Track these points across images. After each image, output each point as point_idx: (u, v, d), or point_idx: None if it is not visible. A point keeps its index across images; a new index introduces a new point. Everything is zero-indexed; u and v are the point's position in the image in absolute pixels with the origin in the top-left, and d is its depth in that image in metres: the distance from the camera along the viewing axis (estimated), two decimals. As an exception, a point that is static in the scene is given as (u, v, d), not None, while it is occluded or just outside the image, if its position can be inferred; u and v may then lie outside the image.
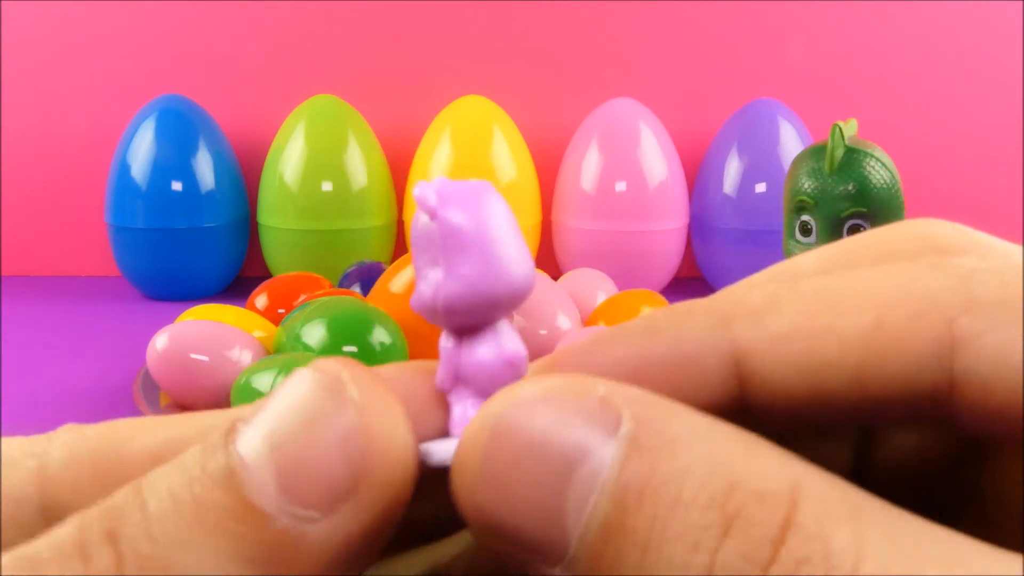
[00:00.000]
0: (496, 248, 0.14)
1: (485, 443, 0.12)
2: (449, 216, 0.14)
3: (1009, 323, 0.12)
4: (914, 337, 0.12)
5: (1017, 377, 0.12)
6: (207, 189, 1.02)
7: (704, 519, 0.11)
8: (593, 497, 0.11)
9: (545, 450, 0.12)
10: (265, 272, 1.07)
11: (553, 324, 0.72)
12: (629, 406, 0.12)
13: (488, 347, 0.14)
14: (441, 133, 1.04)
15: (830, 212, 0.61)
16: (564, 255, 1.07)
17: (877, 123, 1.00)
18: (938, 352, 0.12)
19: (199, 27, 1.11)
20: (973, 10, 1.13)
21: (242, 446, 0.12)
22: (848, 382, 0.13)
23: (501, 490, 0.12)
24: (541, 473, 0.11)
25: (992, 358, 0.12)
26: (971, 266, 0.13)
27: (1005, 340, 0.12)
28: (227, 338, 0.67)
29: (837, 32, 1.14)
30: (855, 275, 0.13)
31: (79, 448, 0.14)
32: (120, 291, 1.06)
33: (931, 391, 0.12)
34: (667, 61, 1.14)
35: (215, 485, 0.12)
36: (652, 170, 1.03)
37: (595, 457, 0.11)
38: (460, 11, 1.12)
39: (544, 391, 0.12)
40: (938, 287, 0.13)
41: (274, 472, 0.12)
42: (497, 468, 0.12)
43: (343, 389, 0.12)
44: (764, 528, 0.10)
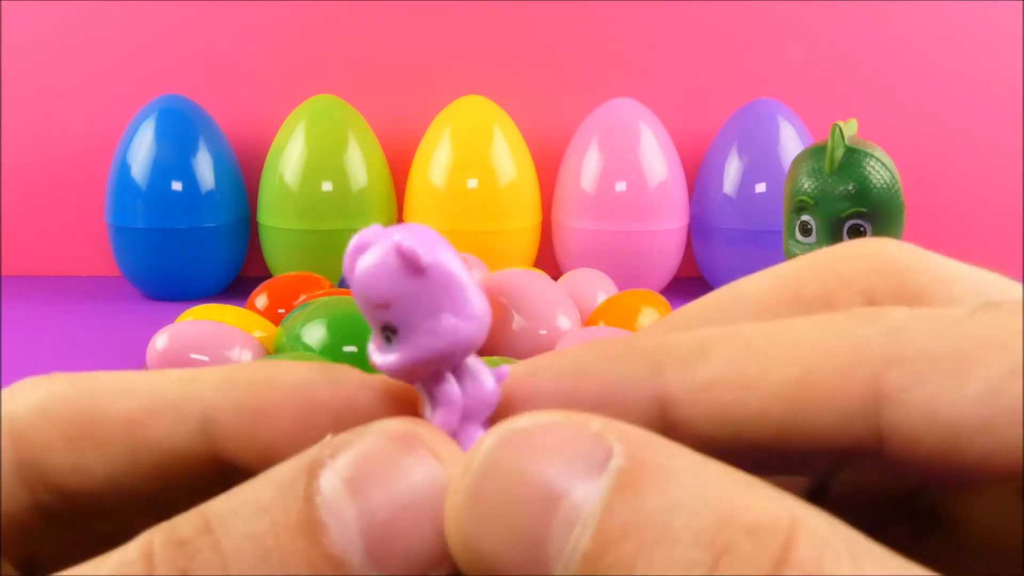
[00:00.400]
0: (472, 282, 0.15)
1: (474, 472, 0.12)
2: (444, 261, 0.14)
3: (935, 377, 0.12)
4: (840, 392, 0.12)
5: (943, 430, 0.12)
6: (207, 189, 1.02)
7: (691, 555, 0.10)
8: (576, 529, 0.11)
9: (532, 480, 0.11)
10: (265, 272, 1.07)
11: (553, 324, 0.72)
12: (622, 441, 0.11)
13: (486, 376, 0.14)
14: (441, 133, 1.04)
15: (830, 212, 0.61)
16: (564, 255, 1.07)
17: (877, 123, 1.01)
18: (864, 407, 0.12)
19: (199, 27, 1.11)
20: (973, 10, 1.13)
21: (325, 493, 0.12)
22: (772, 435, 0.13)
23: (487, 518, 0.12)
24: (526, 503, 0.11)
25: (918, 412, 0.12)
26: (902, 317, 0.13)
27: (930, 394, 0.12)
28: (227, 338, 0.67)
29: (837, 32, 1.14)
30: (786, 324, 0.13)
31: (51, 407, 0.14)
32: (120, 291, 1.06)
33: (857, 444, 0.12)
34: (667, 61, 1.14)
35: (299, 535, 0.12)
36: (652, 170, 1.03)
37: (580, 490, 0.11)
38: (460, 11, 1.12)
39: (538, 425, 0.12)
40: (866, 341, 0.12)
41: (361, 533, 0.12)
42: (484, 496, 0.12)
43: (432, 460, 0.12)
44: (756, 563, 0.10)
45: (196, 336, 0.66)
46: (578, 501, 0.11)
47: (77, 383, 0.15)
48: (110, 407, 0.14)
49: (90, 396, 0.14)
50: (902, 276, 0.14)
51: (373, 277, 0.14)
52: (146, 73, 1.10)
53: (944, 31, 1.14)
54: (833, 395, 0.12)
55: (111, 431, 0.14)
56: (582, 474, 0.11)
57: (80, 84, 1.11)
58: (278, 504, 0.12)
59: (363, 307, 0.14)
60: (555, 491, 0.11)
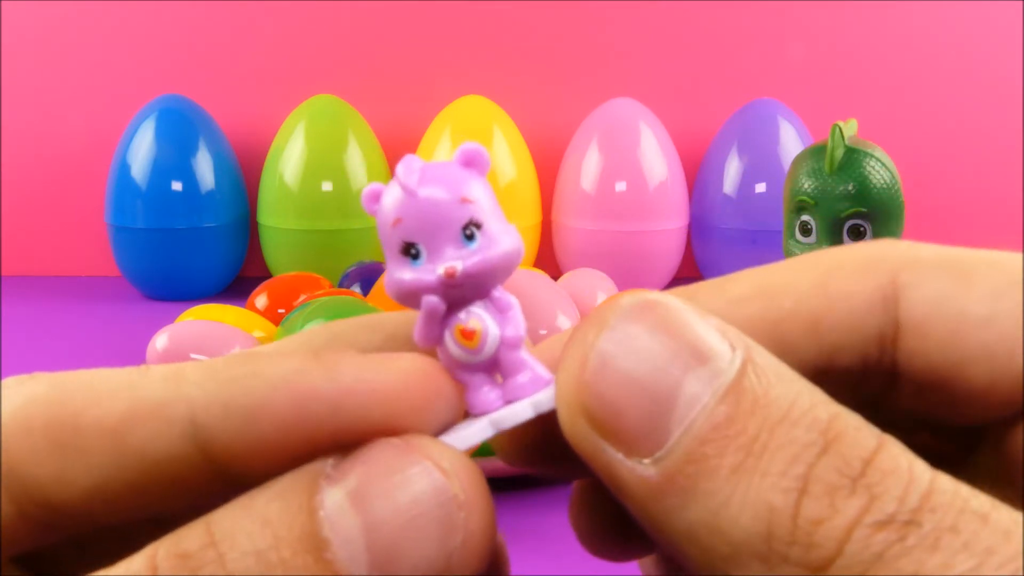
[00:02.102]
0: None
1: (618, 313, 0.13)
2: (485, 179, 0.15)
3: (945, 276, 0.14)
4: (861, 287, 0.14)
5: (950, 323, 0.13)
6: (207, 189, 1.02)
7: (807, 437, 0.12)
8: (707, 396, 0.12)
9: (678, 333, 0.12)
10: (265, 272, 1.07)
11: (553, 324, 0.72)
12: (739, 339, 0.13)
13: (517, 307, 0.15)
14: (441, 133, 1.04)
15: (830, 212, 0.61)
16: (564, 255, 1.07)
17: (877, 123, 1.01)
18: (883, 299, 0.14)
19: (199, 27, 1.11)
20: (973, 10, 1.13)
21: (328, 508, 0.12)
22: (805, 330, 0.14)
23: (619, 372, 0.12)
24: (665, 356, 0.12)
25: (929, 304, 0.14)
26: (910, 243, 0.15)
27: (940, 290, 0.14)
28: (227, 338, 0.67)
29: (837, 32, 1.14)
30: (802, 255, 0.15)
31: (31, 415, 0.13)
32: (120, 291, 1.06)
33: (879, 335, 0.14)
34: (667, 61, 1.14)
35: (303, 550, 0.12)
36: (652, 170, 1.03)
37: (718, 361, 0.12)
38: (460, 11, 1.12)
39: (668, 299, 0.13)
40: (879, 252, 0.14)
41: (367, 548, 0.12)
42: (621, 344, 0.12)
43: (437, 473, 0.12)
44: (859, 450, 0.12)
45: (196, 336, 0.66)
46: (715, 370, 0.12)
47: (58, 386, 0.14)
48: (91, 414, 0.13)
49: (71, 402, 0.14)
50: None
51: (454, 173, 0.14)
52: (146, 73, 1.10)
53: (944, 31, 1.14)
54: (855, 289, 0.14)
55: (94, 440, 0.13)
56: (723, 348, 0.12)
57: (80, 84, 1.11)
58: (282, 518, 0.12)
59: (442, 209, 0.14)
60: (688, 358, 0.12)
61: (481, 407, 0.15)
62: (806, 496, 0.11)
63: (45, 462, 0.13)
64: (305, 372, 0.14)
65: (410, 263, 0.14)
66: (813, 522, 0.11)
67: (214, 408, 0.14)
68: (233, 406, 0.14)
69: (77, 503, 0.13)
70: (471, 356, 0.14)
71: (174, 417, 0.14)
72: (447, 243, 0.14)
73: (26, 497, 0.13)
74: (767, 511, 0.11)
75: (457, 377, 0.15)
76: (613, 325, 0.13)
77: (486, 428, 0.14)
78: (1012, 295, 0.13)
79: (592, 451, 0.13)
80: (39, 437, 0.13)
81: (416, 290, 0.14)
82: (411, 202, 0.14)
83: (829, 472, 0.11)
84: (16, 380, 0.14)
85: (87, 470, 0.13)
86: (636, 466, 0.12)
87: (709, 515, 0.12)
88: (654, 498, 0.12)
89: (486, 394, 0.14)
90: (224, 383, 0.14)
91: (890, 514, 0.11)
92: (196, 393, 0.14)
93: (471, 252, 0.14)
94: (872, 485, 0.11)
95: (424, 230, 0.14)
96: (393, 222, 0.14)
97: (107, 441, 0.13)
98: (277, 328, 0.70)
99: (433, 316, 0.14)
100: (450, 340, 0.15)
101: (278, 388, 0.14)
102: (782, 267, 0.15)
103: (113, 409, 0.13)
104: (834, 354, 0.14)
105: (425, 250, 0.14)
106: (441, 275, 0.14)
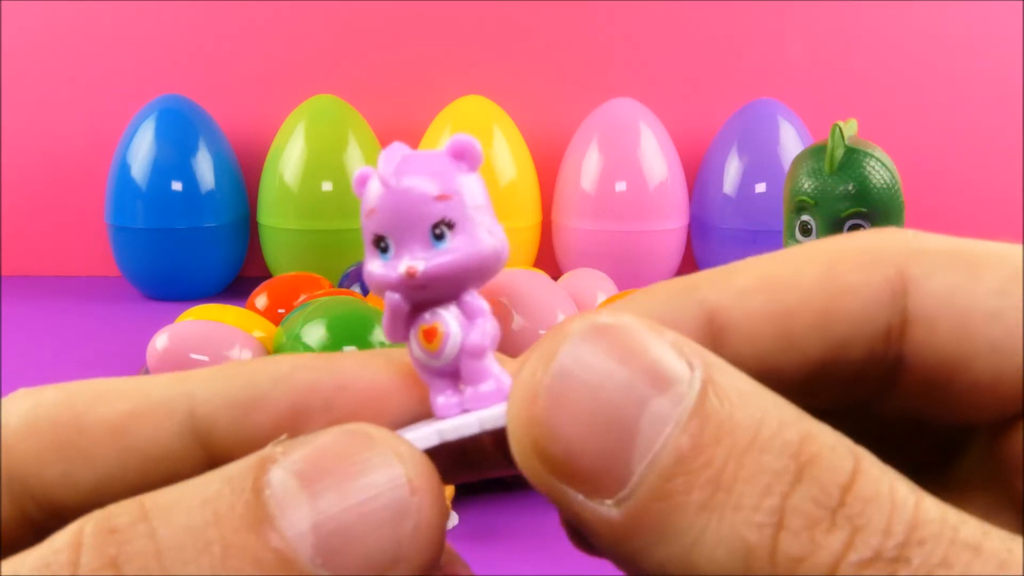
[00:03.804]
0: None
1: (560, 359, 0.12)
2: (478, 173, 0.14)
3: (953, 269, 0.13)
4: (868, 280, 0.14)
5: (957, 316, 0.13)
6: (207, 189, 1.02)
7: (778, 463, 0.11)
8: (669, 427, 0.11)
9: (621, 375, 0.11)
10: (265, 272, 1.07)
11: (553, 324, 0.72)
12: (697, 356, 0.12)
13: (488, 314, 0.14)
14: (441, 133, 1.04)
15: (830, 212, 0.61)
16: (564, 255, 1.07)
17: (877, 123, 1.00)
18: (891, 292, 0.13)
19: (199, 27, 1.11)
20: (973, 10, 1.13)
21: (275, 486, 0.11)
22: (812, 323, 0.14)
23: (571, 406, 0.12)
24: (617, 394, 0.11)
25: (938, 297, 0.13)
26: (916, 232, 0.14)
27: (948, 283, 0.13)
28: (227, 338, 0.67)
29: (837, 32, 1.14)
30: (807, 244, 0.14)
31: (37, 417, 0.13)
32: (120, 291, 1.06)
33: (886, 329, 0.14)
34: (667, 61, 1.14)
35: (244, 527, 0.11)
36: (652, 170, 1.03)
37: (678, 386, 0.11)
38: (460, 11, 1.12)
39: (620, 323, 0.12)
40: (886, 242, 0.14)
41: (312, 529, 0.11)
42: (571, 382, 0.12)
43: (392, 458, 0.12)
44: (836, 475, 0.11)
45: (196, 336, 0.66)
46: (670, 400, 0.11)
47: (65, 392, 0.14)
48: (95, 413, 0.13)
49: (76, 404, 0.14)
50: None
51: (435, 166, 0.14)
52: (146, 73, 1.10)
53: (944, 31, 1.14)
54: (862, 282, 0.14)
55: (97, 438, 0.13)
56: (681, 372, 0.12)
57: (80, 84, 1.11)
58: (224, 496, 0.11)
59: (413, 204, 0.14)
60: (646, 387, 0.11)
61: (439, 412, 0.14)
62: (783, 531, 0.11)
63: (50, 463, 0.13)
64: (306, 366, 0.14)
65: (379, 256, 0.14)
66: (793, 560, 0.11)
67: (214, 401, 0.14)
68: (232, 399, 0.14)
69: (80, 503, 0.13)
70: (430, 359, 0.14)
71: (175, 412, 0.14)
72: (415, 240, 0.14)
73: (29, 498, 0.13)
74: (742, 548, 0.11)
75: (422, 377, 0.14)
76: (564, 353, 0.12)
77: (431, 436, 0.13)
78: (1019, 290, 0.13)
79: (551, 492, 0.12)
80: (46, 439, 0.13)
81: (380, 286, 0.14)
82: (385, 194, 0.14)
83: (806, 503, 0.11)
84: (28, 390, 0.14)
85: (91, 470, 0.13)
86: (599, 508, 0.11)
87: (681, 554, 0.11)
88: (621, 540, 0.11)
89: (446, 399, 0.14)
90: (227, 378, 0.14)
91: (876, 549, 0.11)
92: (198, 388, 0.14)
93: (437, 253, 0.14)
94: (853, 516, 0.11)
95: (394, 224, 0.14)
96: (367, 212, 0.14)
97: (110, 440, 0.13)
98: (277, 328, 0.70)
99: (396, 313, 0.14)
100: (413, 340, 0.14)
101: (279, 381, 0.14)
102: (788, 258, 0.14)
103: (118, 407, 0.14)
104: (841, 348, 0.14)
105: (393, 245, 0.14)
106: (402, 273, 0.14)
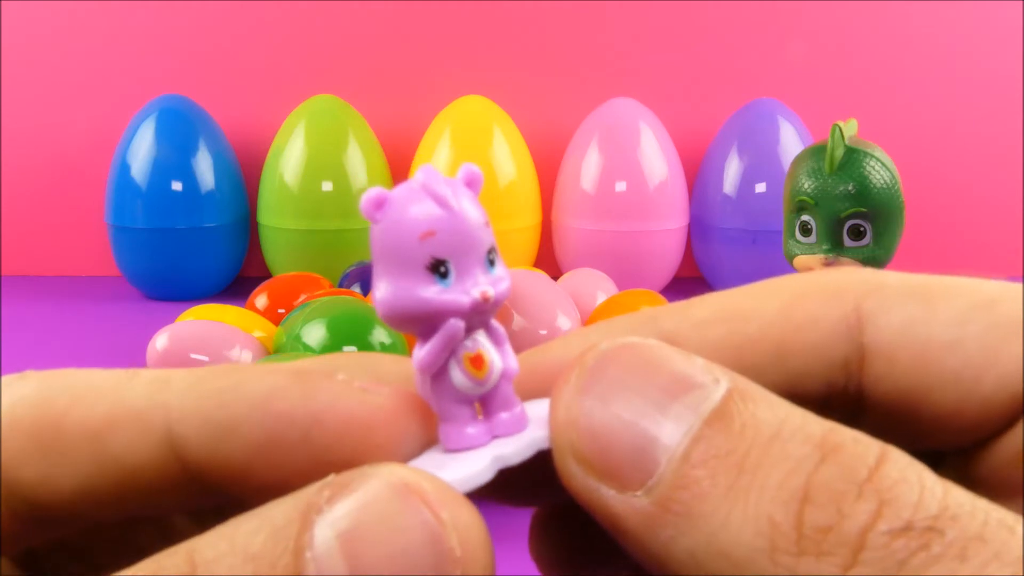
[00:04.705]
0: None
1: (598, 357, 0.12)
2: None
3: (910, 303, 0.14)
4: (826, 314, 0.14)
5: (917, 348, 0.13)
6: (207, 189, 1.02)
7: (802, 450, 0.11)
8: (693, 420, 0.12)
9: (658, 368, 0.12)
10: (265, 272, 1.07)
11: (553, 324, 0.72)
12: (724, 372, 0.12)
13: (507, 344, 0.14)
14: (441, 133, 1.04)
15: (830, 212, 0.61)
16: (564, 255, 1.07)
17: (877, 123, 1.00)
18: (848, 326, 0.14)
19: (199, 27, 1.11)
20: (973, 10, 1.13)
21: (318, 549, 0.11)
22: (770, 355, 0.14)
23: (602, 404, 0.12)
24: (648, 390, 0.12)
25: (896, 330, 0.13)
26: (875, 271, 0.14)
27: (906, 316, 0.13)
28: (227, 338, 0.67)
29: (837, 32, 1.14)
30: (768, 281, 0.15)
31: (17, 416, 0.13)
32: (120, 291, 1.06)
33: (844, 363, 0.14)
34: (667, 61, 1.14)
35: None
36: (652, 170, 1.03)
37: (702, 388, 0.12)
38: (460, 11, 1.12)
39: (649, 342, 0.13)
40: (846, 279, 0.14)
41: None
42: (605, 381, 0.12)
43: (442, 528, 0.12)
44: (862, 458, 0.11)
45: (196, 336, 0.66)
46: (699, 396, 0.12)
47: (45, 386, 0.14)
48: (74, 415, 0.13)
49: (56, 403, 0.14)
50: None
51: (470, 194, 0.14)
52: (146, 73, 1.10)
53: (944, 31, 1.14)
54: (820, 317, 0.14)
55: (75, 442, 0.13)
56: (706, 375, 0.12)
57: (80, 84, 1.11)
58: (267, 553, 0.11)
59: (473, 228, 0.13)
60: (674, 389, 0.12)
61: (464, 442, 0.14)
62: (809, 504, 0.11)
63: (30, 463, 0.13)
64: (282, 392, 0.13)
65: (436, 281, 0.13)
66: (820, 530, 0.11)
67: (191, 420, 0.13)
68: (209, 421, 0.13)
69: (64, 504, 0.13)
70: (476, 386, 0.14)
71: (152, 424, 0.13)
72: (476, 265, 0.13)
73: (15, 497, 0.13)
74: (768, 526, 0.11)
75: (440, 408, 0.14)
76: (595, 369, 0.12)
77: (490, 467, 0.13)
78: (976, 320, 0.13)
79: (586, 492, 0.12)
80: (25, 439, 0.13)
81: (445, 311, 0.13)
82: (447, 216, 0.13)
83: (832, 479, 0.11)
84: (7, 380, 0.14)
85: (70, 472, 0.13)
86: (630, 499, 0.12)
87: (709, 538, 0.11)
88: (651, 529, 0.12)
89: (469, 429, 0.14)
90: (204, 396, 0.14)
91: (907, 521, 0.11)
92: (176, 402, 0.13)
93: (496, 278, 0.14)
94: (882, 491, 0.11)
95: (458, 248, 0.13)
96: (423, 235, 0.13)
97: (87, 445, 0.13)
98: (277, 328, 0.70)
99: (452, 341, 0.14)
100: (456, 368, 0.14)
101: (254, 407, 0.13)
102: (746, 292, 0.15)
103: (95, 412, 0.13)
104: (799, 380, 0.14)
105: (455, 269, 0.13)
106: (477, 298, 0.13)
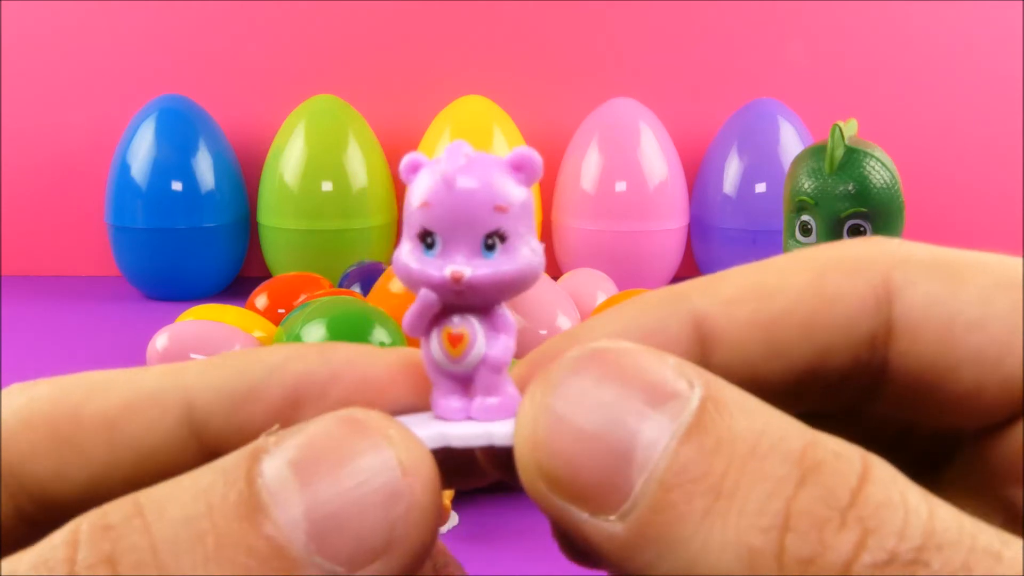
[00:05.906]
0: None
1: (566, 367, 0.12)
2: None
3: (936, 277, 0.13)
4: (854, 288, 0.14)
5: (941, 324, 0.13)
6: (207, 189, 1.02)
7: (780, 470, 0.11)
8: (667, 439, 0.11)
9: (631, 379, 0.12)
10: (265, 272, 1.07)
11: (553, 324, 0.72)
12: (698, 375, 0.12)
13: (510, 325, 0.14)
14: (441, 133, 1.04)
15: (830, 212, 0.61)
16: (564, 255, 1.07)
17: (877, 123, 1.00)
18: (876, 300, 0.14)
19: (199, 27, 1.11)
20: (973, 10, 1.13)
21: (268, 476, 0.11)
22: (798, 331, 0.14)
23: (573, 428, 0.12)
24: (619, 403, 0.12)
25: (921, 305, 0.13)
26: (902, 241, 0.14)
27: (932, 292, 0.13)
28: (227, 338, 0.67)
29: (837, 32, 1.14)
30: (794, 252, 0.15)
31: (33, 412, 0.13)
32: (120, 291, 1.06)
33: (871, 337, 0.14)
34: (667, 61, 1.14)
35: (238, 517, 0.11)
36: (652, 170, 1.03)
37: (676, 398, 0.11)
38: (460, 11, 1.12)
39: (620, 347, 0.12)
40: (872, 250, 0.14)
41: (305, 516, 0.11)
42: (573, 394, 0.12)
43: (382, 442, 0.12)
44: (843, 479, 0.11)
45: (196, 336, 0.66)
46: (668, 414, 0.11)
47: (58, 386, 0.14)
48: (92, 405, 0.14)
49: (70, 398, 0.14)
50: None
51: (497, 174, 0.14)
52: (146, 73, 1.10)
53: (944, 31, 1.14)
54: (848, 290, 0.14)
55: (90, 432, 0.13)
56: (667, 392, 0.12)
57: (80, 84, 1.11)
58: (217, 487, 0.11)
59: (472, 209, 0.13)
60: (644, 404, 0.11)
61: (441, 412, 0.14)
62: (790, 533, 0.11)
63: (45, 458, 0.13)
64: (300, 356, 0.14)
65: (423, 250, 0.14)
66: (801, 561, 0.10)
67: (208, 393, 0.14)
68: (226, 390, 0.14)
69: (74, 499, 0.13)
70: (450, 363, 0.14)
71: (170, 404, 0.14)
72: (466, 244, 0.14)
73: (24, 495, 0.13)
74: (748, 554, 0.11)
75: (429, 374, 0.14)
76: (561, 380, 0.12)
77: (437, 438, 0.13)
78: (1002, 298, 0.13)
79: (556, 513, 0.12)
80: (41, 433, 0.13)
81: (416, 281, 0.14)
82: (444, 191, 0.13)
83: (812, 504, 0.11)
84: (21, 384, 0.14)
85: (85, 465, 0.13)
86: (603, 524, 0.11)
87: (687, 564, 0.11)
88: (626, 555, 0.11)
89: (449, 403, 0.14)
90: (219, 369, 0.14)
91: (891, 552, 0.10)
92: (191, 380, 0.14)
93: (485, 262, 0.14)
94: (865, 517, 0.10)
95: (448, 224, 0.14)
96: (420, 203, 0.14)
97: (104, 434, 0.13)
98: (277, 328, 0.70)
99: (425, 311, 0.14)
100: (435, 340, 0.14)
101: (273, 370, 0.14)
102: (775, 265, 0.14)
103: (112, 400, 0.14)
104: (826, 355, 0.14)
105: (441, 243, 0.14)
106: (446, 276, 0.13)
